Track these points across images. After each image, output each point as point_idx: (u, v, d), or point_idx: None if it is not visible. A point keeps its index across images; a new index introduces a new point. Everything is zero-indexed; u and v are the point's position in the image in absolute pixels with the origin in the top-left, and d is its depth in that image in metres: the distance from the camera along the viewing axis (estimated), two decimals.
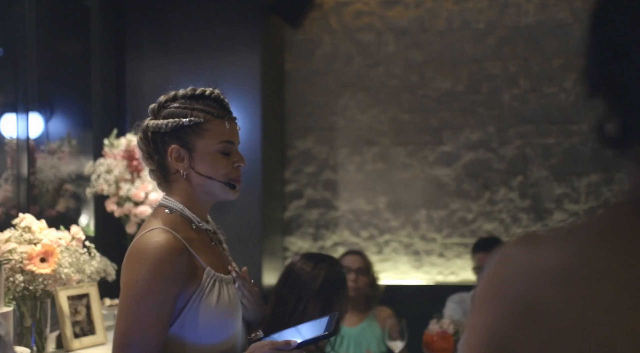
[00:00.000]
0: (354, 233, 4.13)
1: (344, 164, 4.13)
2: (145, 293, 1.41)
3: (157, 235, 1.45)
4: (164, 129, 1.54)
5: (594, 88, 0.63)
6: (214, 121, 1.54)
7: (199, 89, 1.58)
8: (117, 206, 2.94)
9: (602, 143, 0.61)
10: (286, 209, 4.19)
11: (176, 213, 1.54)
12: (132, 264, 1.45)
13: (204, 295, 1.48)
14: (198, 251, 1.51)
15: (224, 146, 1.55)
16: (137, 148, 2.98)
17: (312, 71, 4.15)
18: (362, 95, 4.11)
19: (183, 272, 1.45)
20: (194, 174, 1.55)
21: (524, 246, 0.62)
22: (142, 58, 3.57)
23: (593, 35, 0.64)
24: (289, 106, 4.15)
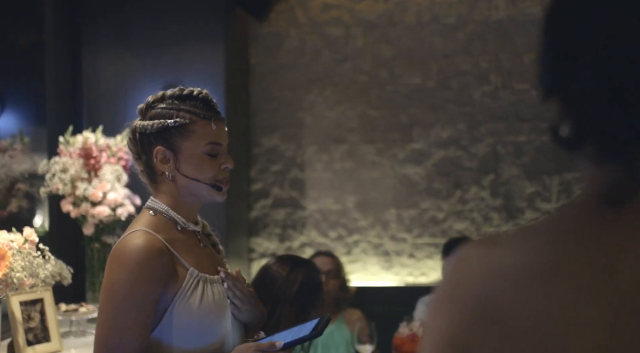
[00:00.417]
0: (322, 234, 4.14)
1: (312, 162, 4.13)
2: (125, 296, 1.43)
3: (137, 237, 1.48)
4: (150, 130, 1.57)
5: (548, 90, 0.65)
6: (200, 122, 1.56)
7: (186, 89, 1.60)
8: (74, 207, 2.90)
9: (557, 144, 0.63)
10: (252, 209, 4.18)
11: (160, 215, 1.56)
12: (111, 267, 1.47)
13: (186, 296, 1.49)
14: (181, 252, 1.53)
15: (210, 148, 1.56)
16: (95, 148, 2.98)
17: (278, 65, 4.13)
18: (330, 91, 4.12)
19: (164, 274, 1.47)
20: (179, 176, 1.57)
21: (480, 248, 0.63)
22: (99, 51, 3.54)
23: (546, 37, 0.66)
24: (255, 102, 4.14)
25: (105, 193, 2.89)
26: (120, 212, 2.92)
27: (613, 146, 0.61)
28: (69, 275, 2.49)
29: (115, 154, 3.00)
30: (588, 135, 0.62)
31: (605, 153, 0.62)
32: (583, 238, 0.60)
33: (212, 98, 1.61)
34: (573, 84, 0.63)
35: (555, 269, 0.59)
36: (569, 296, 0.58)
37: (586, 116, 0.62)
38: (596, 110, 0.61)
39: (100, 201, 2.89)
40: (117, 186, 2.93)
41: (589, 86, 0.62)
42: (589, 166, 0.64)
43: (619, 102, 0.60)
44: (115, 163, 2.98)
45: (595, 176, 0.64)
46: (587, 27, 0.62)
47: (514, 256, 0.61)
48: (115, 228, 2.98)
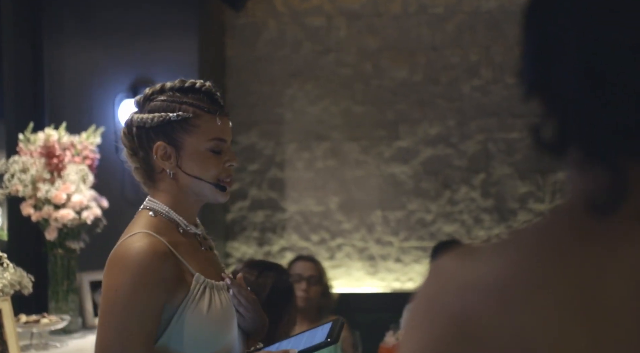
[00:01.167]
0: (304, 237, 4.13)
1: (292, 161, 4.13)
2: (127, 302, 1.42)
3: (139, 240, 1.46)
4: (150, 124, 1.56)
5: (529, 88, 0.65)
6: (205, 117, 1.56)
7: (188, 81, 1.59)
8: (35, 210, 2.87)
9: (539, 147, 0.62)
10: (228, 211, 4.16)
11: (161, 216, 1.55)
12: (111, 272, 1.46)
13: (193, 303, 1.49)
14: (186, 256, 1.52)
15: (214, 144, 1.56)
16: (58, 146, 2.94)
17: (256, 58, 4.12)
18: (311, 85, 4.11)
19: (169, 279, 1.46)
20: (181, 174, 1.56)
21: (457, 259, 0.63)
22: (63, 41, 3.50)
23: (527, 31, 0.65)
24: (231, 97, 4.12)
25: (70, 194, 2.85)
26: (85, 215, 2.88)
27: (599, 150, 0.60)
28: (30, 284, 2.45)
29: (81, 153, 2.97)
30: (572, 137, 0.62)
31: (591, 157, 0.61)
32: (567, 250, 0.60)
33: (216, 91, 1.61)
34: (556, 81, 0.62)
35: (536, 283, 0.59)
36: (550, 312, 0.58)
37: (570, 117, 0.61)
38: (581, 110, 0.61)
39: (64, 204, 2.85)
40: (82, 188, 2.89)
41: (573, 83, 0.61)
42: (573, 171, 0.63)
43: (606, 101, 0.60)
44: (80, 163, 2.95)
45: (580, 182, 0.63)
46: (570, 19, 0.62)
47: (493, 269, 0.60)
48: (80, 232, 2.94)
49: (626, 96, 0.59)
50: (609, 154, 0.60)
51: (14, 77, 3.30)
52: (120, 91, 3.47)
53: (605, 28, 0.60)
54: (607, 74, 0.59)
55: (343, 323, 1.60)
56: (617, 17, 0.60)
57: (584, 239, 0.60)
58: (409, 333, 0.64)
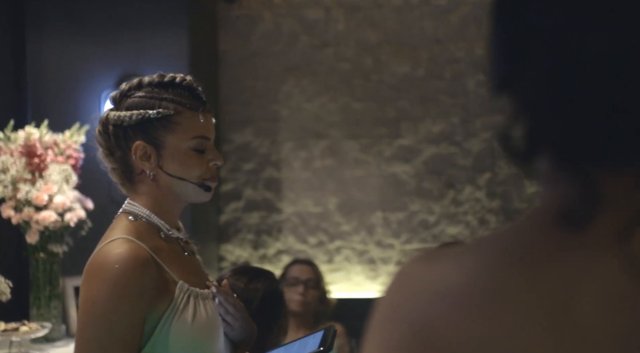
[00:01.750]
0: (301, 240, 4.11)
1: (289, 160, 4.11)
2: (107, 314, 1.40)
3: (119, 246, 1.44)
4: (128, 121, 1.53)
5: (499, 86, 0.63)
6: (186, 113, 1.54)
7: (167, 75, 1.58)
8: (15, 212, 2.86)
9: (507, 152, 0.61)
10: (222, 213, 4.14)
11: (141, 220, 1.53)
12: (89, 281, 1.44)
13: (177, 313, 1.47)
14: (168, 263, 1.51)
15: (197, 142, 1.54)
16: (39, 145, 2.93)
17: (250, 52, 4.10)
18: (308, 81, 4.09)
19: (151, 288, 1.45)
20: (162, 175, 1.54)
21: (422, 264, 0.62)
22: (46, 35, 3.49)
23: (496, 23, 0.64)
24: (224, 93, 4.10)
25: (52, 196, 2.84)
26: (69, 217, 2.87)
27: (569, 158, 0.59)
28: (8, 290, 2.47)
29: (64, 152, 2.97)
30: (542, 143, 0.60)
31: (561, 165, 0.60)
32: (535, 261, 0.59)
33: (198, 86, 1.59)
34: (525, 80, 0.60)
35: (500, 293, 0.58)
36: (514, 322, 0.57)
37: (539, 121, 0.60)
38: (550, 114, 0.59)
39: (46, 205, 2.84)
40: (65, 188, 2.89)
41: (542, 84, 0.59)
42: (544, 179, 0.62)
43: (578, 104, 0.58)
44: (63, 162, 2.95)
45: (550, 191, 0.62)
46: (545, 13, 0.60)
47: (456, 275, 0.60)
48: (63, 235, 2.94)
49: (599, 102, 0.58)
50: (580, 163, 0.58)
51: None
52: (106, 87, 3.44)
53: (581, 27, 0.58)
54: (579, 76, 0.58)
55: (336, 331, 1.59)
56: (595, 16, 0.58)
57: (553, 250, 0.59)
58: (370, 340, 0.63)
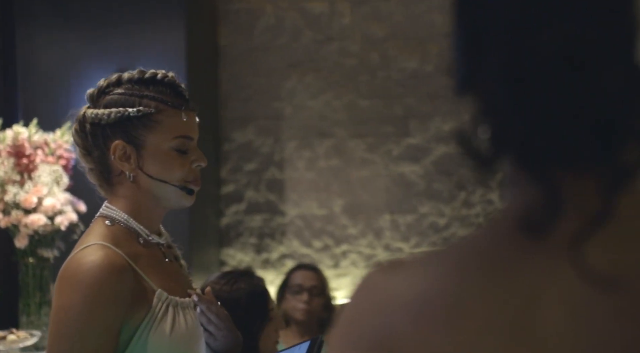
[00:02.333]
0: (305, 243, 4.10)
1: (292, 160, 4.09)
2: (80, 324, 1.38)
3: (93, 252, 1.42)
4: (106, 120, 1.51)
5: (461, 86, 0.64)
6: (168, 112, 1.52)
7: (148, 71, 1.56)
8: (3, 215, 2.85)
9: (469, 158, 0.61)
10: (223, 215, 4.13)
11: (119, 225, 1.52)
12: (62, 290, 1.42)
13: (155, 323, 1.46)
14: (146, 270, 1.49)
15: (180, 142, 1.53)
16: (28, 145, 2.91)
17: (251, 47, 4.08)
18: (312, 77, 4.07)
19: (127, 296, 1.43)
20: (142, 177, 1.52)
21: (384, 274, 0.63)
22: (36, 30, 3.50)
23: (456, 19, 0.64)
24: (225, 90, 4.09)
25: (41, 198, 2.83)
26: (59, 220, 2.85)
27: (530, 162, 0.60)
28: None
29: (54, 153, 2.96)
30: (504, 146, 0.60)
31: (523, 168, 0.60)
32: (496, 270, 0.60)
33: (180, 83, 1.58)
34: (485, 79, 0.61)
35: (458, 302, 0.59)
36: (476, 335, 0.58)
37: (500, 121, 0.60)
38: (509, 116, 0.59)
39: (35, 208, 2.83)
40: (55, 190, 2.87)
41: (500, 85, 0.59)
42: (507, 184, 0.64)
43: (537, 104, 0.58)
44: (54, 163, 2.94)
45: (512, 196, 0.63)
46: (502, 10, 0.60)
47: (416, 285, 0.61)
48: (54, 239, 2.92)
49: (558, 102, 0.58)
50: (541, 166, 0.59)
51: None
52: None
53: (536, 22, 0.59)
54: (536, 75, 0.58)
55: (322, 342, 1.57)
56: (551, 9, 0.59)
57: (515, 259, 0.60)
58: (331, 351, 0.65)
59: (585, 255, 0.57)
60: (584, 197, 0.59)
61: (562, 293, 0.58)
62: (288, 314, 3.28)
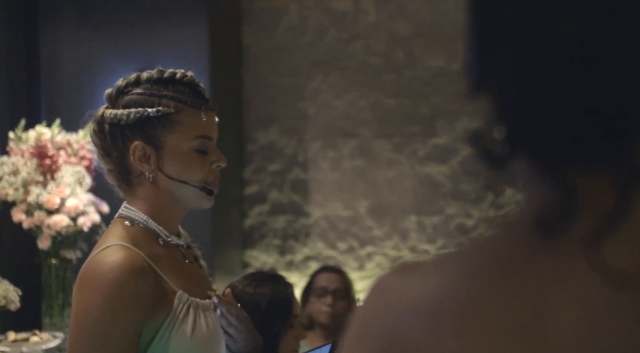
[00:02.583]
0: (330, 245, 4.09)
1: (316, 160, 4.09)
2: (100, 326, 1.39)
3: (114, 253, 1.42)
4: (125, 120, 1.52)
5: (475, 85, 0.64)
6: (187, 111, 1.53)
7: (167, 71, 1.56)
8: (26, 216, 2.87)
9: (483, 158, 0.61)
10: (246, 217, 4.14)
11: (138, 226, 1.52)
12: (82, 291, 1.42)
13: (175, 325, 1.46)
14: (167, 271, 1.50)
15: (199, 142, 1.53)
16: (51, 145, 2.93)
17: (275, 46, 4.09)
18: (336, 76, 4.06)
19: (148, 298, 1.44)
20: (162, 178, 1.53)
21: (397, 277, 0.64)
22: (60, 29, 3.50)
23: (470, 16, 0.64)
24: (248, 90, 4.10)
25: (64, 199, 2.84)
26: (82, 222, 2.87)
27: (544, 161, 0.60)
28: (17, 298, 2.48)
29: (77, 153, 2.98)
30: (519, 145, 0.60)
31: (537, 169, 0.60)
32: (510, 271, 0.60)
33: (199, 82, 1.58)
34: (499, 77, 0.60)
35: (471, 305, 0.59)
36: (488, 340, 0.58)
37: (514, 120, 0.60)
38: (523, 114, 0.59)
39: (58, 209, 2.84)
40: (78, 191, 2.89)
41: (511, 83, 0.59)
42: (523, 184, 0.64)
43: (552, 101, 0.58)
44: (76, 163, 2.95)
45: (527, 196, 0.63)
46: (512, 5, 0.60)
47: (429, 288, 0.61)
48: (76, 240, 2.95)
49: (573, 99, 0.57)
50: (557, 168, 0.59)
51: (6, 69, 3.33)
52: None
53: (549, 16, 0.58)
54: (550, 72, 0.57)
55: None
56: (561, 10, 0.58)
57: (528, 259, 0.59)
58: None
59: (602, 254, 0.57)
60: (600, 196, 0.58)
61: (578, 295, 0.58)
62: (312, 317, 3.27)
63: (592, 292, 0.57)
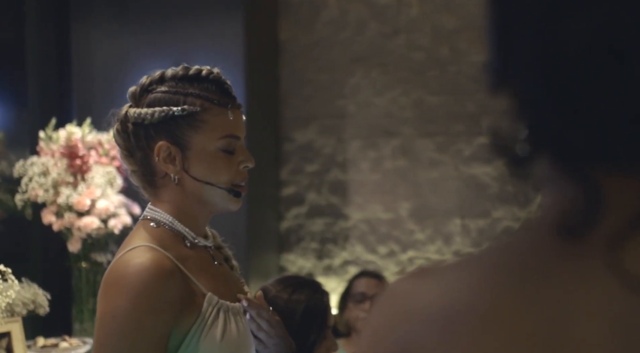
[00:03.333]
0: (370, 249, 4.08)
1: (356, 160, 4.09)
2: (127, 330, 1.39)
3: (141, 255, 1.42)
4: (149, 119, 1.52)
5: (495, 80, 0.63)
6: (214, 110, 1.53)
7: (192, 67, 1.56)
8: (56, 218, 2.90)
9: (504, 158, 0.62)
10: (282, 219, 4.15)
11: (164, 227, 1.53)
12: (107, 294, 1.42)
13: (205, 329, 1.46)
14: (195, 273, 1.50)
15: (226, 142, 1.54)
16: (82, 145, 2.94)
17: (314, 42, 4.09)
18: (377, 72, 4.05)
19: (176, 301, 1.43)
20: (188, 179, 1.53)
21: (413, 282, 0.64)
22: (92, 25, 3.54)
23: (490, 8, 0.64)
24: (285, 87, 4.11)
25: (94, 200, 2.86)
26: (113, 224, 2.89)
27: (568, 159, 0.59)
28: (45, 302, 2.47)
29: (108, 153, 3.00)
30: (539, 143, 0.60)
31: (560, 168, 0.60)
32: (530, 276, 0.59)
33: (226, 79, 1.57)
34: (518, 73, 0.60)
35: (489, 312, 0.58)
36: (504, 347, 0.57)
37: (536, 118, 0.60)
38: (546, 110, 0.59)
39: (88, 211, 2.86)
40: (109, 192, 2.91)
41: (537, 74, 0.59)
42: (544, 184, 0.63)
43: (575, 98, 0.57)
44: (107, 164, 2.97)
45: (550, 198, 0.62)
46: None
47: (445, 294, 0.61)
48: (107, 243, 2.97)
49: (598, 95, 0.56)
50: (579, 165, 0.58)
51: (37, 66, 3.36)
52: None
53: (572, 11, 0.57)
54: (572, 68, 0.56)
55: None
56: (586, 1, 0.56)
57: (549, 265, 0.59)
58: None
59: (624, 258, 0.56)
60: (625, 197, 0.57)
61: (600, 300, 0.57)
62: (350, 324, 3.24)
63: (616, 298, 0.56)
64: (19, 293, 2.33)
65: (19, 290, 2.34)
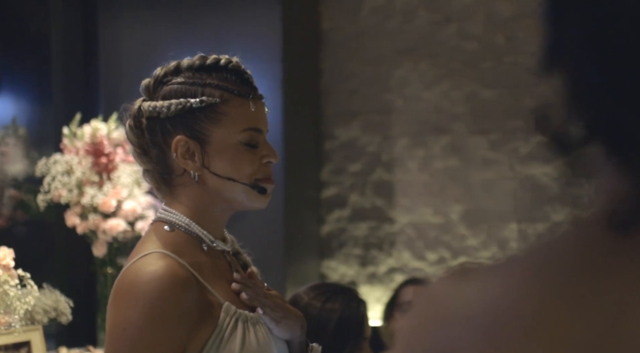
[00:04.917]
0: (417, 256, 4.07)
1: (403, 160, 4.08)
2: (140, 343, 1.40)
3: (153, 262, 1.42)
4: (165, 113, 1.52)
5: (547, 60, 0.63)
6: (234, 101, 1.53)
7: (210, 57, 1.56)
8: (81, 220, 2.94)
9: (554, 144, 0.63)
10: (323, 223, 4.15)
11: (180, 230, 1.52)
12: (118, 305, 1.44)
13: (222, 341, 1.47)
14: (212, 281, 1.51)
15: (248, 135, 1.53)
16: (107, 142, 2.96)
17: (358, 31, 4.09)
18: (427, 64, 4.03)
19: (192, 312, 1.44)
20: (208, 176, 1.53)
21: (453, 282, 0.64)
22: (120, 14, 3.57)
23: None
24: (327, 80, 4.11)
25: (121, 201, 2.90)
26: (140, 226, 2.91)
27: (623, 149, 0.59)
28: (68, 310, 2.49)
29: None
30: (592, 130, 0.61)
31: (613, 159, 0.61)
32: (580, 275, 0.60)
33: (245, 69, 1.57)
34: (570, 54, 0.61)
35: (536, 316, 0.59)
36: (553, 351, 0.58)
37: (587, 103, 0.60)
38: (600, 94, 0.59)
39: (114, 212, 2.89)
40: (136, 193, 2.93)
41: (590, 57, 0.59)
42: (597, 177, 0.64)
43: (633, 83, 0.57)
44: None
45: (602, 191, 0.63)
46: None
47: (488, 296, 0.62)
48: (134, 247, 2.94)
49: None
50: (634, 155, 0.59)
51: (62, 57, 3.42)
52: None
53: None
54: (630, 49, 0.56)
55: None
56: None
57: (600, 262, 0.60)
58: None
59: None
60: None
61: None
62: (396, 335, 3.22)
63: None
64: (39, 299, 2.37)
65: (40, 297, 2.39)
